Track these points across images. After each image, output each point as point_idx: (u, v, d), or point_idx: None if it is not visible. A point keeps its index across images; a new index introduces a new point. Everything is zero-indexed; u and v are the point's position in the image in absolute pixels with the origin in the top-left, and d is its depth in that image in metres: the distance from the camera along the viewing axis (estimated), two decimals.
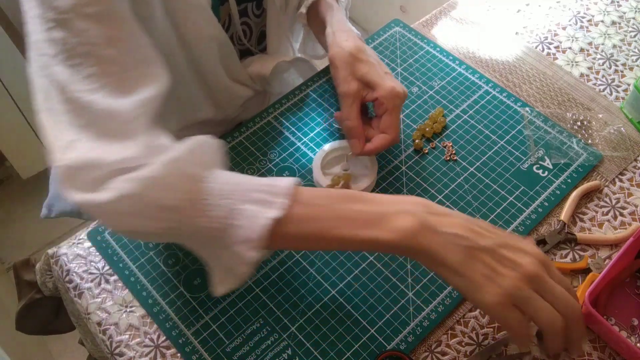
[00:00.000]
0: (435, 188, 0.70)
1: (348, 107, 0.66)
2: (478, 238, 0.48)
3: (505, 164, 0.72)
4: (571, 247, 0.66)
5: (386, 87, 0.64)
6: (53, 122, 0.49)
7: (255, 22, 0.75)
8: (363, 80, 0.66)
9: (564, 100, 0.79)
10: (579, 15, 0.90)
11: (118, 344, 0.60)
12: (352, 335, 0.59)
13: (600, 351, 0.59)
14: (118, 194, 0.45)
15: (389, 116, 0.65)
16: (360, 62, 0.66)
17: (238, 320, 0.61)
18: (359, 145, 0.66)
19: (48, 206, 1.08)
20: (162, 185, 0.46)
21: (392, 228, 0.48)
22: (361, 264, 0.64)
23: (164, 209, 0.47)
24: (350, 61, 0.66)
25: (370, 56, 0.68)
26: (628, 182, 0.71)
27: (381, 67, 0.68)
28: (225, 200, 0.47)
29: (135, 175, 0.46)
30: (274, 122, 0.77)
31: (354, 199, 0.50)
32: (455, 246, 0.47)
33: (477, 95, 0.79)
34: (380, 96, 0.64)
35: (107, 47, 0.49)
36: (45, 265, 0.69)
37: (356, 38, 0.69)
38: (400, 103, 0.65)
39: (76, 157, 0.47)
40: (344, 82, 0.66)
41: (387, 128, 0.65)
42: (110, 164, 0.46)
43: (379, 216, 0.49)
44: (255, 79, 0.77)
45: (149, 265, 0.64)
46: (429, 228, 0.47)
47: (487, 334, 0.60)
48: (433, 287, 0.62)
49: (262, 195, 0.48)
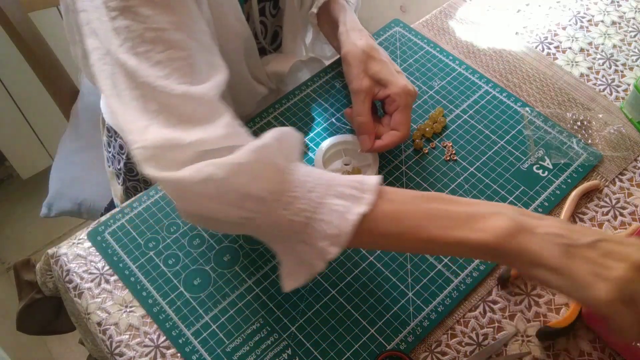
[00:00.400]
0: (435, 188, 0.70)
1: (360, 104, 0.67)
2: (577, 235, 0.45)
3: (505, 164, 0.72)
4: None
5: (399, 85, 0.65)
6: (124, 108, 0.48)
7: (271, 21, 0.76)
8: (375, 77, 0.67)
9: (564, 100, 0.79)
10: (579, 15, 0.90)
11: (118, 344, 0.60)
12: (352, 335, 0.59)
13: (600, 351, 0.59)
14: (205, 175, 0.44)
15: (401, 113, 0.66)
16: (373, 60, 0.67)
17: (238, 320, 0.61)
18: (369, 141, 0.67)
19: (48, 206, 1.08)
20: (250, 172, 0.45)
21: (486, 228, 0.45)
22: (361, 264, 0.64)
23: (248, 197, 0.45)
24: (363, 59, 0.67)
25: (382, 55, 0.69)
26: (628, 182, 0.71)
27: (393, 65, 0.69)
28: (312, 194, 0.46)
29: (224, 160, 0.45)
30: (274, 122, 0.77)
31: (441, 199, 0.48)
32: (554, 245, 0.44)
33: (477, 95, 0.79)
34: (393, 93, 0.66)
35: (175, 32, 0.49)
36: (46, 265, 0.69)
37: (369, 37, 0.71)
38: (412, 101, 0.67)
39: (158, 138, 0.46)
40: (357, 79, 0.67)
41: (399, 125, 0.66)
42: (193, 144, 0.46)
43: (471, 216, 0.46)
44: (272, 77, 0.79)
45: (149, 265, 0.64)
46: (525, 228, 0.45)
47: (487, 334, 0.60)
48: (433, 287, 0.62)
49: (350, 190, 0.47)
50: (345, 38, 0.71)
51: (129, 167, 0.88)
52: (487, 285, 0.63)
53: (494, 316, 0.61)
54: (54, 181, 1.10)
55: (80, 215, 1.08)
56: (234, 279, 0.63)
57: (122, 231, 0.67)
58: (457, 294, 0.62)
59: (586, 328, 0.60)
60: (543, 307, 0.62)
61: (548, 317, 0.61)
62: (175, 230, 0.67)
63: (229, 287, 0.63)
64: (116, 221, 0.68)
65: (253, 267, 0.64)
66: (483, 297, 0.62)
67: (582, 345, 0.59)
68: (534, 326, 0.60)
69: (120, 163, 0.89)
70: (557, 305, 0.62)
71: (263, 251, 0.65)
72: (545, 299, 0.62)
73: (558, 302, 0.62)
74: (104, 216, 0.68)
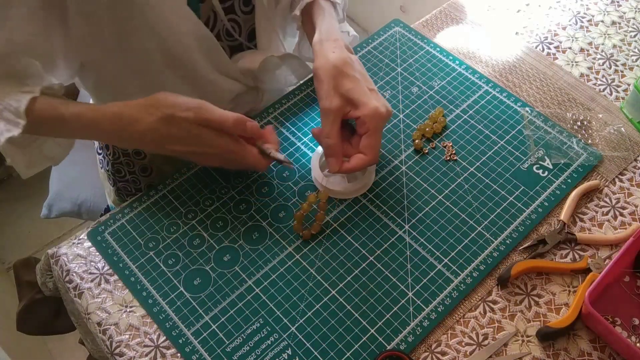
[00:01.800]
0: (435, 188, 0.70)
1: (329, 125, 0.64)
2: None
3: (505, 164, 0.72)
4: (571, 247, 0.66)
5: (370, 107, 0.62)
6: None
7: (243, 18, 0.75)
8: (346, 96, 0.63)
9: (564, 100, 0.79)
10: (579, 15, 0.90)
11: (118, 344, 0.60)
12: (352, 335, 0.59)
13: (600, 351, 0.59)
14: None
15: (369, 137, 0.63)
16: (345, 76, 0.64)
17: (238, 320, 0.61)
18: (335, 164, 0.64)
19: (48, 206, 1.08)
20: None
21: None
22: (361, 264, 0.64)
23: None
24: (334, 74, 0.64)
25: (356, 70, 0.65)
26: (628, 182, 0.71)
27: (367, 82, 0.65)
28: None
29: None
30: (273, 122, 0.77)
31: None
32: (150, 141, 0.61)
33: (477, 95, 0.79)
34: (363, 115, 0.62)
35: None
36: (46, 265, 0.69)
37: (343, 49, 0.67)
38: (382, 124, 0.63)
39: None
40: (327, 97, 0.64)
41: (366, 149, 0.64)
42: None
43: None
44: (246, 74, 0.77)
45: (149, 265, 0.64)
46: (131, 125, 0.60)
47: (487, 334, 0.60)
48: (433, 287, 0.62)
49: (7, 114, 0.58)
50: (319, 49, 0.67)
51: (116, 168, 0.88)
52: (487, 285, 0.63)
53: (494, 316, 0.61)
54: (54, 182, 1.10)
55: (80, 216, 1.08)
56: (234, 279, 0.63)
57: (122, 231, 0.67)
58: (457, 294, 0.62)
59: (586, 328, 0.60)
60: (543, 307, 0.62)
61: (548, 317, 0.61)
62: (175, 230, 0.67)
63: (229, 287, 0.63)
64: (116, 221, 0.68)
65: (253, 267, 0.64)
66: (483, 297, 0.62)
67: (582, 345, 0.59)
68: (534, 326, 0.60)
69: (109, 164, 0.89)
70: (557, 305, 0.62)
71: (263, 251, 0.65)
72: (545, 299, 0.62)
73: (558, 302, 0.62)
74: (104, 216, 0.68)
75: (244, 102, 0.82)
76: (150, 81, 0.72)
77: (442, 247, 0.65)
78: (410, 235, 0.66)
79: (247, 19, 0.76)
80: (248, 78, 0.78)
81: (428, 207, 0.68)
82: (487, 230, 0.66)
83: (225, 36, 0.75)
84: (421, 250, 0.65)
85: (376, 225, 0.67)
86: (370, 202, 0.69)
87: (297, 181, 0.71)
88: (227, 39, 0.75)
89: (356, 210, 0.68)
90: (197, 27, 0.68)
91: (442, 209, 0.68)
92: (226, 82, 0.76)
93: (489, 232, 0.66)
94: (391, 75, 0.81)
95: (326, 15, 0.73)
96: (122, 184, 0.90)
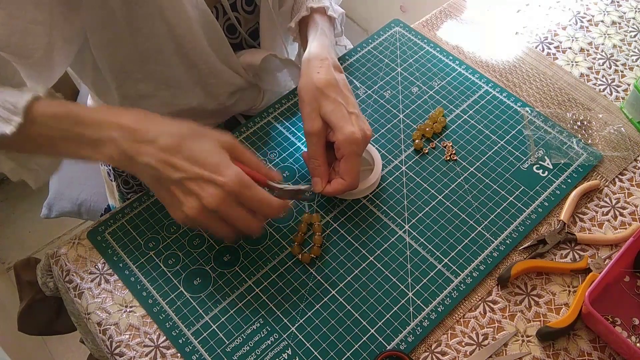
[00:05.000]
0: (435, 188, 0.70)
1: (312, 146, 0.64)
2: (169, 171, 0.54)
3: (505, 164, 0.72)
4: (571, 247, 0.66)
5: (344, 132, 0.61)
6: None
7: (245, 17, 0.75)
8: (325, 119, 0.63)
9: (564, 100, 0.79)
10: (579, 15, 0.90)
11: (118, 344, 0.60)
12: (352, 335, 0.59)
13: (600, 351, 0.59)
14: None
15: (345, 162, 0.63)
16: (326, 98, 0.63)
17: (238, 320, 0.61)
18: (320, 185, 0.65)
19: (48, 206, 1.08)
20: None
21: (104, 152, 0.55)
22: (361, 264, 0.64)
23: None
24: (316, 96, 0.64)
25: (339, 92, 0.64)
26: (628, 182, 0.71)
27: (348, 105, 0.64)
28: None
29: None
30: (274, 122, 0.77)
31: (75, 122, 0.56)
32: (147, 176, 0.56)
33: (477, 95, 0.79)
34: (338, 141, 0.62)
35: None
36: (46, 265, 0.69)
37: (330, 68, 0.66)
38: (358, 149, 0.62)
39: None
40: (308, 119, 0.64)
41: (344, 174, 0.63)
42: None
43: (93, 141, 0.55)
44: (248, 69, 0.77)
45: (149, 265, 0.64)
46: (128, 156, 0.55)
47: (487, 334, 0.60)
48: (433, 287, 0.62)
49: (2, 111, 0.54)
50: (305, 68, 0.67)
51: None
52: (487, 285, 0.63)
53: (494, 316, 0.61)
54: (54, 182, 1.10)
55: (80, 216, 1.08)
56: (234, 279, 0.63)
57: (122, 231, 0.67)
58: (457, 294, 0.62)
59: (586, 328, 0.60)
60: (543, 307, 0.62)
61: (548, 317, 0.61)
62: (175, 230, 0.67)
63: (229, 287, 0.63)
64: (116, 221, 0.68)
65: (253, 267, 0.64)
66: (483, 297, 0.62)
67: (582, 345, 0.59)
68: (534, 326, 0.60)
69: None
70: (557, 305, 0.62)
71: (263, 251, 0.65)
72: (545, 299, 0.62)
73: (558, 302, 0.62)
74: (104, 216, 0.69)
75: (245, 98, 0.82)
76: (158, 69, 0.72)
77: (442, 247, 0.65)
78: (410, 235, 0.66)
79: (249, 19, 0.76)
80: (250, 73, 0.78)
81: (428, 207, 0.68)
82: (487, 230, 0.66)
83: (227, 33, 0.75)
84: (421, 250, 0.65)
85: (376, 225, 0.67)
86: (370, 202, 0.69)
87: (297, 181, 0.71)
88: (228, 36, 0.75)
89: (356, 210, 0.68)
90: (205, 14, 0.68)
91: (442, 209, 0.68)
92: (229, 74, 0.76)
93: (489, 232, 0.66)
94: (391, 75, 0.81)
95: (319, 31, 0.72)
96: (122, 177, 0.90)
